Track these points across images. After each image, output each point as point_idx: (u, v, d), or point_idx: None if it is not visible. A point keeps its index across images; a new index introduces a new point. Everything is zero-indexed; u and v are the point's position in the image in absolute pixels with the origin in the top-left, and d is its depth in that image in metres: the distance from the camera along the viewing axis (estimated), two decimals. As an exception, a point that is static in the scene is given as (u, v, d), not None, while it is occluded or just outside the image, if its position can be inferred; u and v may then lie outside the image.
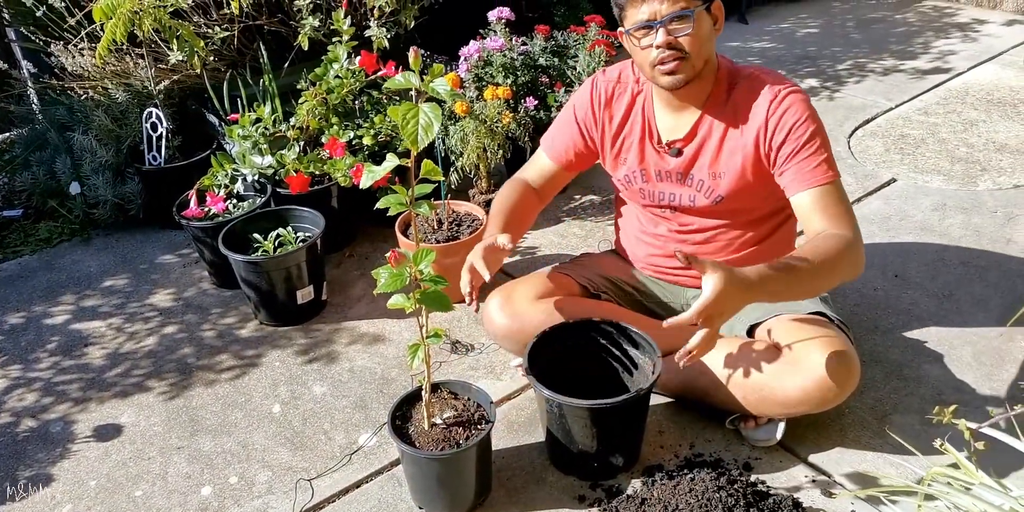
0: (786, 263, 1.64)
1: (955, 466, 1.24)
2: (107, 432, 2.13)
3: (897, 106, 3.53)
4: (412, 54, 1.44)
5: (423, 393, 1.74)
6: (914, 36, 4.24)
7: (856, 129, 3.36)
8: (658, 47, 1.74)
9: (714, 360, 1.89)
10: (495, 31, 2.86)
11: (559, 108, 2.81)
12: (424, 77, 1.40)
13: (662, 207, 2.01)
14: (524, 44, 2.91)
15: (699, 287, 2.06)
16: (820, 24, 4.49)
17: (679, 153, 1.92)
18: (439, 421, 1.76)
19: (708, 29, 1.77)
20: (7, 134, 3.32)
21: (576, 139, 2.05)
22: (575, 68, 2.89)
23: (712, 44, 1.81)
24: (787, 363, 1.79)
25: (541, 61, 2.89)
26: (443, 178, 2.28)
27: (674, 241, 2.04)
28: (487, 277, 1.84)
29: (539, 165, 2.14)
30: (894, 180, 3.00)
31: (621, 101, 1.98)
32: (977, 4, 4.54)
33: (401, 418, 1.79)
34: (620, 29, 1.84)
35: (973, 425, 1.19)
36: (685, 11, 1.71)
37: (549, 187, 2.16)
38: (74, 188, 2.97)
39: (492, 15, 2.86)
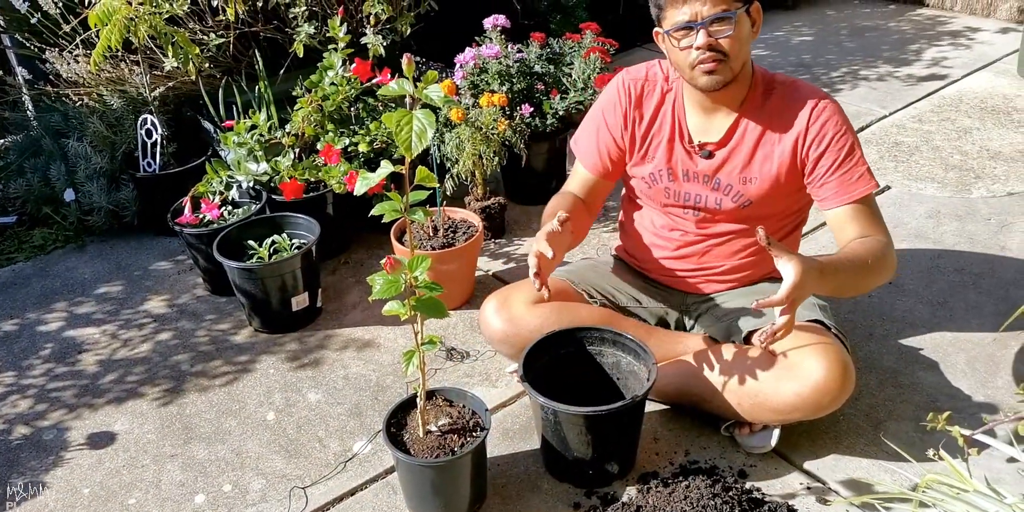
0: (847, 256, 1.74)
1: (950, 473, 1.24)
2: (100, 439, 2.12)
3: (891, 113, 3.54)
4: (406, 61, 1.44)
5: (418, 400, 1.74)
6: (908, 44, 4.26)
7: (850, 136, 3.37)
8: (698, 48, 1.73)
9: (710, 366, 1.90)
10: (491, 38, 2.87)
11: (555, 115, 2.82)
12: (418, 84, 1.40)
13: (686, 208, 2.01)
14: (520, 51, 2.91)
15: (699, 292, 2.08)
16: (814, 32, 4.51)
17: (710, 155, 1.92)
18: (434, 428, 1.75)
19: (747, 31, 1.77)
20: (2, 141, 3.32)
21: (609, 145, 2.02)
22: (571, 75, 2.90)
23: (749, 46, 1.81)
24: (783, 369, 1.79)
25: (537, 68, 2.90)
26: (438, 185, 2.28)
27: (688, 244, 2.04)
28: (549, 253, 1.74)
29: (579, 177, 2.09)
30: (888, 187, 3.01)
31: (651, 99, 1.97)
32: (971, 12, 4.56)
33: (396, 425, 1.78)
34: (657, 30, 1.83)
35: (967, 432, 1.19)
36: (727, 13, 1.71)
37: (594, 199, 2.10)
38: (68, 195, 2.97)
39: (488, 22, 2.86)
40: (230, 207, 2.67)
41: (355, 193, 1.50)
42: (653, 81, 1.97)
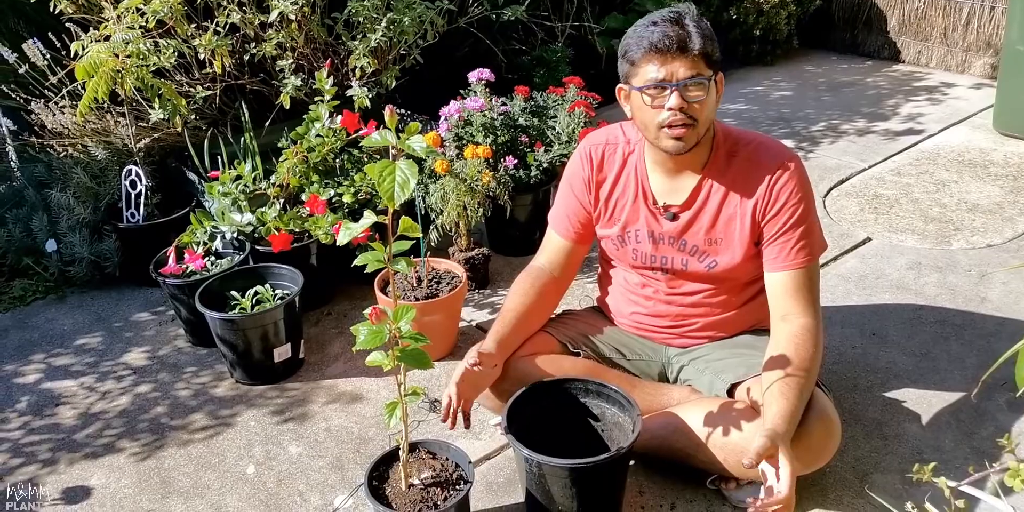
0: (795, 391, 1.71)
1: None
2: (76, 495, 2.08)
3: (870, 167, 3.59)
4: (388, 113, 1.45)
5: (400, 453, 1.72)
6: (885, 99, 4.34)
7: (831, 189, 3.41)
8: (670, 109, 1.73)
9: (694, 420, 1.88)
10: (475, 91, 2.90)
11: (539, 167, 2.84)
12: (401, 135, 1.41)
13: (653, 269, 2.02)
14: (504, 104, 2.95)
15: (679, 346, 2.08)
16: (793, 87, 4.59)
17: (675, 217, 1.93)
18: (417, 482, 1.73)
19: (715, 97, 1.78)
20: (-15, 191, 3.31)
21: (578, 209, 2.05)
22: (554, 128, 2.93)
23: (715, 113, 1.82)
24: (766, 425, 1.78)
25: (521, 121, 2.93)
26: (422, 235, 2.29)
27: (662, 302, 2.04)
28: (455, 404, 1.90)
29: (551, 245, 2.12)
30: (869, 239, 3.03)
31: (612, 161, 1.98)
32: (946, 68, 4.66)
33: (378, 479, 1.76)
34: (621, 86, 1.83)
35: (953, 483, 1.18)
36: (702, 77, 1.72)
37: (566, 266, 2.12)
38: (50, 246, 2.96)
39: (472, 76, 2.91)
40: (213, 258, 2.66)
41: (338, 243, 1.50)
42: (614, 144, 1.99)
